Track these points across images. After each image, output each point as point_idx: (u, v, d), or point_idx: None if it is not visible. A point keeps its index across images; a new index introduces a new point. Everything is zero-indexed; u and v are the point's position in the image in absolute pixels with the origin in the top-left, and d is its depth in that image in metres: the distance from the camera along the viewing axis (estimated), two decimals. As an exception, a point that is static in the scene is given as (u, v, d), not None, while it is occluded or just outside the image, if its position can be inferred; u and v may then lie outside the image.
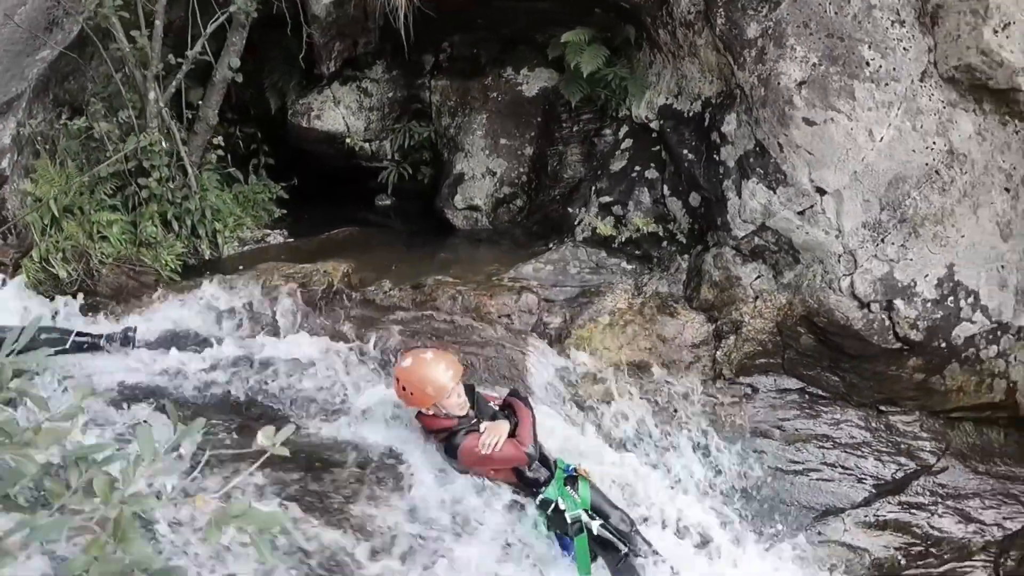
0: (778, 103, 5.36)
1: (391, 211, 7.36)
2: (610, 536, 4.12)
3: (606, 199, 5.98)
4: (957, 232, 5.46)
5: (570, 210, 6.11)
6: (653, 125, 6.12)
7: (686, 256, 5.65)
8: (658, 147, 6.01)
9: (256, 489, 3.77)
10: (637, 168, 6.01)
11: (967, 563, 5.56)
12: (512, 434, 4.12)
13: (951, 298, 5.40)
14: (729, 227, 5.47)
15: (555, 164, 6.42)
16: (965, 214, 5.46)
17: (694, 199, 5.75)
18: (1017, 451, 5.79)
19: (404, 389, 4.11)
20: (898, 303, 5.31)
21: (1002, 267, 5.61)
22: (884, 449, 5.41)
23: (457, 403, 4.10)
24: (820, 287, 5.30)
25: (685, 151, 5.80)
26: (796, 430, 5.31)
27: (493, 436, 4.05)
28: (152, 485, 1.69)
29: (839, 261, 5.30)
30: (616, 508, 4.27)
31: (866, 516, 5.29)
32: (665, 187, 5.86)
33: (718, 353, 5.34)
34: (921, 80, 5.45)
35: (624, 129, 6.27)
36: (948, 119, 5.49)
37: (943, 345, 5.41)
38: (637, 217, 5.81)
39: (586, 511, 4.11)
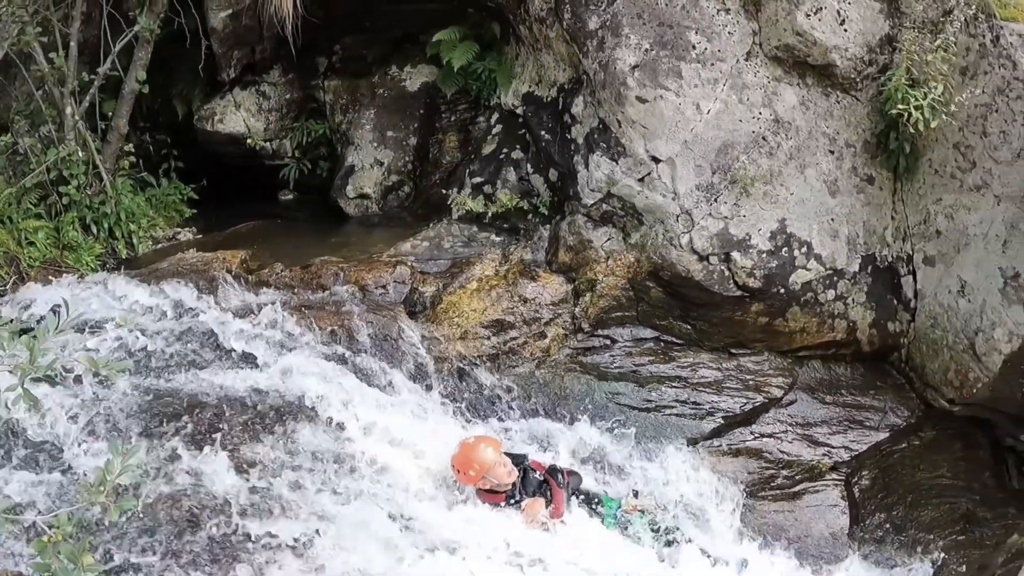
0: (615, 85, 6.12)
1: (293, 205, 8.07)
2: None
3: (478, 180, 6.72)
4: (786, 190, 6.23)
5: (447, 192, 6.84)
6: (519, 111, 6.86)
7: (547, 226, 6.38)
8: (523, 131, 6.76)
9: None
10: (505, 150, 6.76)
11: (819, 483, 6.27)
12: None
13: (785, 249, 6.17)
14: (580, 197, 6.21)
15: (435, 151, 7.17)
16: (793, 174, 6.23)
17: (553, 175, 6.50)
18: (862, 383, 6.54)
19: (460, 472, 4.92)
20: (735, 255, 6.06)
21: (832, 220, 6.39)
22: (735, 386, 6.13)
23: (504, 472, 4.91)
24: (663, 244, 6.05)
25: (543, 132, 6.55)
26: (651, 373, 6.02)
27: (531, 517, 4.97)
28: None
29: (678, 220, 6.05)
30: None
31: (719, 445, 5.99)
32: (529, 166, 6.61)
33: (576, 310, 6.07)
34: (747, 59, 6.25)
35: (495, 116, 7.01)
36: (773, 92, 6.29)
37: (782, 291, 6.17)
38: (504, 194, 6.54)
39: None
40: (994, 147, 6.26)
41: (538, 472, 5.13)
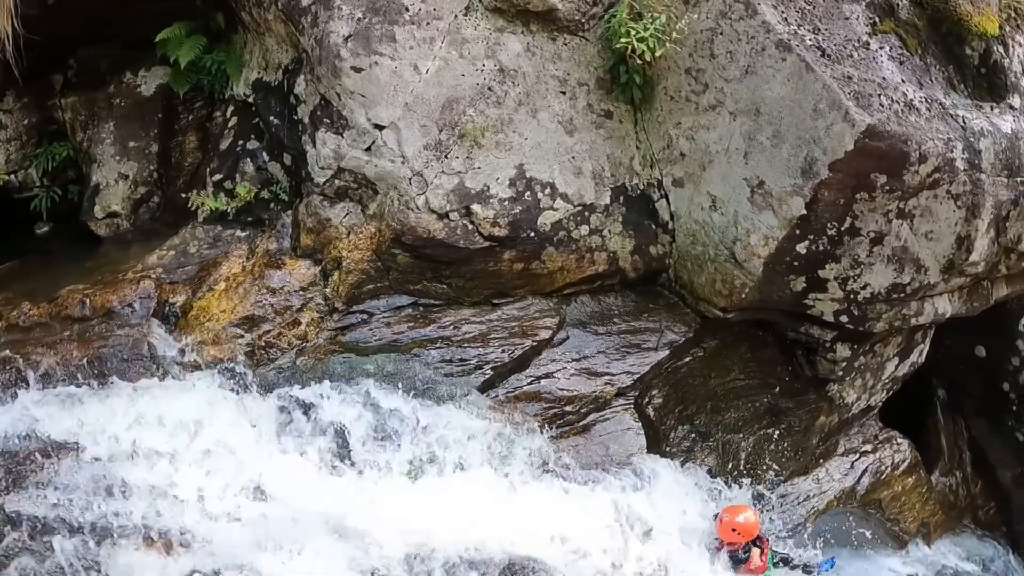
0: (330, 59, 6.26)
1: (49, 236, 7.97)
2: None
3: (218, 177, 6.81)
4: (520, 136, 6.49)
5: (189, 195, 6.91)
6: (251, 100, 6.96)
7: (289, 212, 6.51)
8: (257, 119, 6.85)
9: None
10: (241, 142, 6.86)
11: (607, 411, 6.67)
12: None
13: (528, 193, 6.43)
14: (312, 176, 6.36)
15: (177, 155, 7.20)
16: (525, 120, 6.50)
17: (287, 159, 6.63)
18: (634, 308, 6.93)
19: (734, 531, 6.26)
20: (475, 207, 6.30)
21: (573, 158, 6.68)
22: (501, 336, 6.41)
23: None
24: (400, 210, 6.26)
25: (272, 117, 6.67)
26: (412, 340, 6.25)
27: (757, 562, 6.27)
28: None
29: (411, 183, 6.25)
30: None
31: (496, 395, 6.26)
32: (265, 154, 6.74)
33: (327, 290, 6.24)
34: (465, 14, 6.49)
35: (230, 109, 7.09)
36: (496, 43, 6.54)
37: (532, 234, 6.44)
38: (243, 187, 6.64)
39: None
40: (723, 67, 6.67)
41: None
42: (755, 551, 6.35)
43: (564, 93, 6.59)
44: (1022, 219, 7.56)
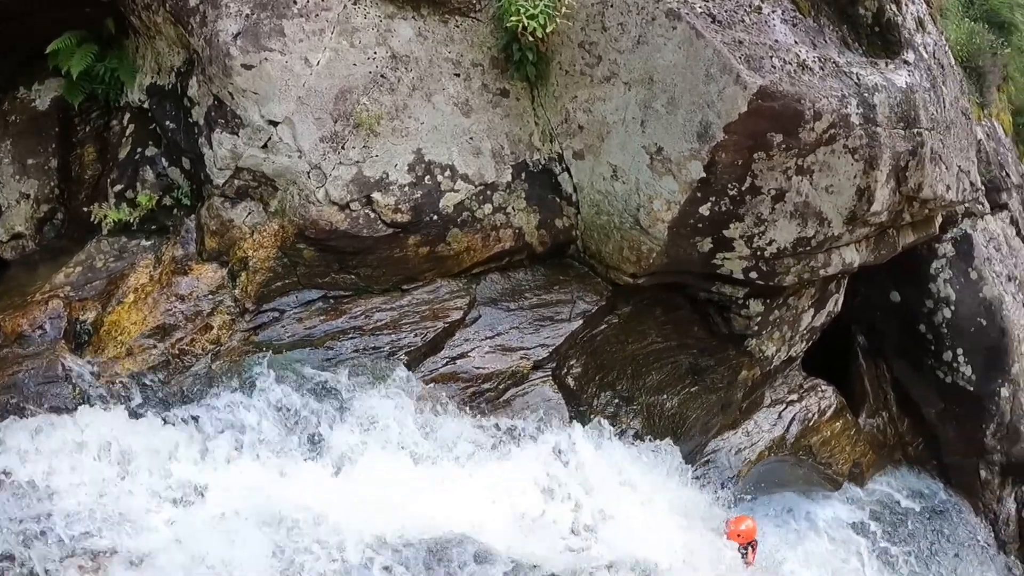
0: (220, 58, 6.25)
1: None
2: None
3: (119, 187, 6.77)
4: (416, 121, 6.55)
5: (92, 208, 6.86)
6: (146, 106, 6.92)
7: (192, 216, 6.51)
8: (153, 125, 6.81)
9: None
10: (140, 150, 6.83)
11: (525, 384, 6.78)
12: None
13: (427, 177, 6.51)
14: (212, 179, 6.37)
15: (78, 168, 7.14)
16: (420, 104, 6.56)
17: (186, 163, 6.62)
18: (545, 282, 7.06)
19: (738, 536, 7.25)
20: (376, 195, 6.36)
21: (471, 139, 6.77)
22: (412, 320, 6.50)
23: None
24: (301, 204, 6.30)
25: (168, 122, 6.65)
26: (324, 333, 6.31)
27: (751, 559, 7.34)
28: None
29: (309, 177, 6.29)
30: None
31: (410, 381, 6.32)
32: (164, 160, 6.72)
33: (236, 292, 6.27)
34: (355, 4, 6.50)
35: (127, 116, 7.05)
36: (387, 30, 6.57)
37: (435, 218, 6.52)
38: (145, 196, 6.62)
39: None
40: (615, 39, 6.80)
41: None
42: (751, 551, 7.43)
43: (458, 75, 6.66)
44: (921, 168, 7.79)
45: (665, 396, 7.63)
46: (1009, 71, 11.79)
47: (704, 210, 6.82)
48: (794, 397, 8.91)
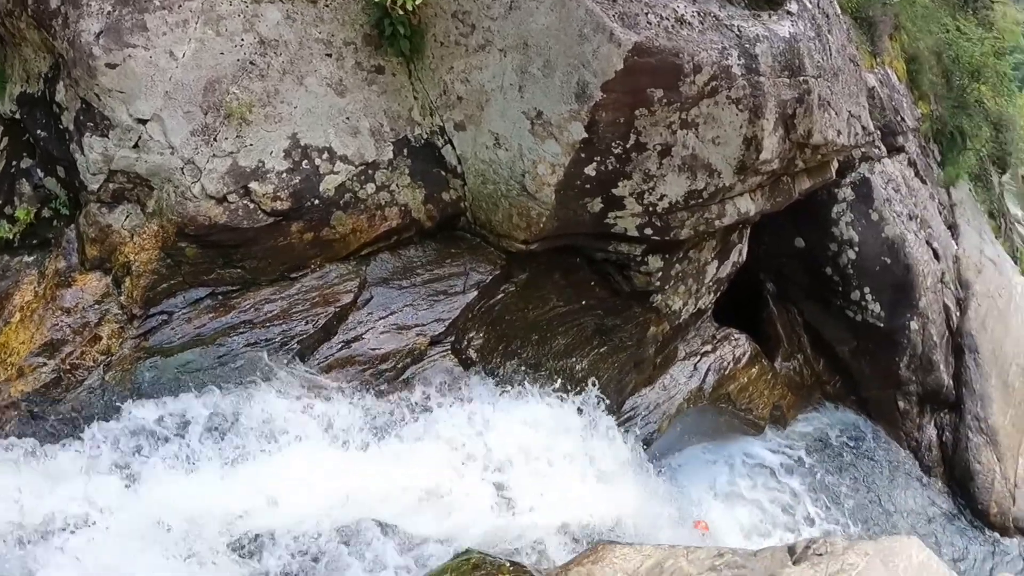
0: (84, 59, 6.15)
1: None
2: None
3: (-4, 203, 6.64)
4: (289, 106, 6.50)
5: (-32, 230, 6.73)
6: (18, 116, 6.79)
7: (72, 226, 6.42)
8: (26, 135, 6.69)
9: None
10: (14, 162, 6.70)
11: (425, 361, 6.82)
12: None
13: (305, 161, 6.48)
14: (86, 184, 6.28)
15: (-46, 188, 6.99)
16: (292, 88, 6.51)
17: (61, 171, 6.52)
18: (437, 256, 7.08)
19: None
20: (253, 185, 6.32)
21: (348, 119, 6.74)
22: (303, 308, 6.47)
23: None
24: (178, 202, 6.24)
25: (40, 130, 6.54)
26: (215, 330, 6.27)
27: None
28: None
29: (184, 173, 6.23)
30: None
31: (306, 371, 6.32)
32: (39, 171, 6.59)
33: (122, 299, 6.20)
34: (219, -9, 6.36)
35: (0, 129, 6.89)
36: (254, 15, 6.50)
37: (316, 202, 6.51)
38: (23, 210, 6.51)
39: None
40: (487, 6, 6.85)
41: None
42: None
43: (330, 55, 6.63)
44: (810, 115, 7.93)
45: (574, 359, 7.69)
46: (900, 20, 11.97)
47: (590, 170, 6.86)
48: (708, 348, 9.04)
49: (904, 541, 5.56)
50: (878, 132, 10.29)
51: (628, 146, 6.88)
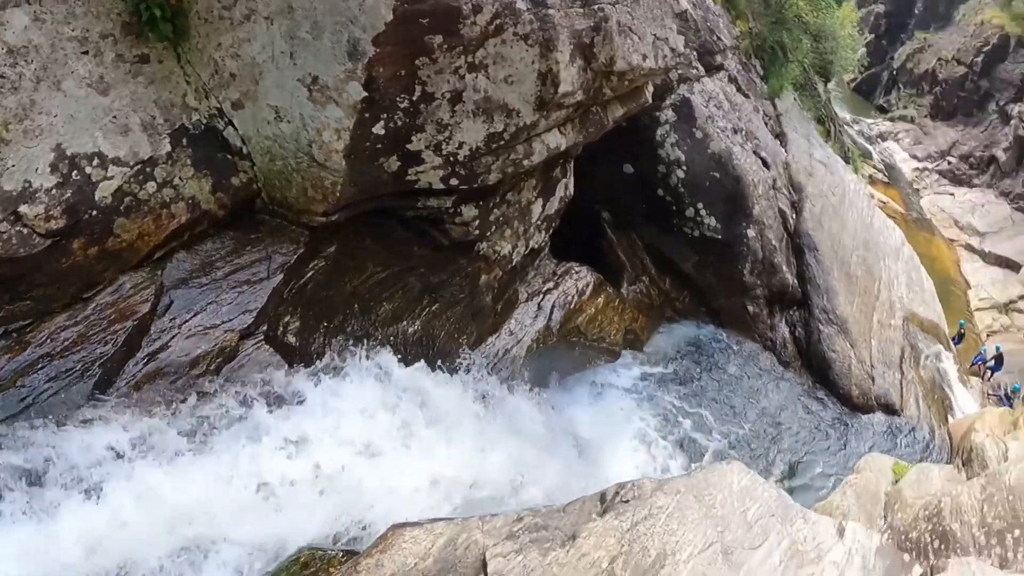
0: None
1: None
2: None
3: None
4: (49, 116, 6.11)
5: None
6: None
7: None
8: None
9: None
10: None
11: (240, 357, 6.57)
12: None
13: (75, 172, 6.13)
14: None
15: None
16: (48, 97, 6.10)
17: None
18: (236, 246, 6.86)
19: None
20: (23, 209, 5.92)
21: (115, 117, 6.40)
22: (100, 328, 6.10)
23: None
24: (-60, 239, 5.85)
25: None
26: (13, 371, 5.77)
27: None
28: None
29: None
30: None
31: (118, 391, 6.02)
32: None
33: None
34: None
35: None
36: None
37: (94, 213, 6.18)
38: None
39: None
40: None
41: None
42: None
43: (87, 52, 6.27)
44: (610, 42, 7.86)
45: (405, 323, 7.61)
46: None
47: (378, 129, 6.75)
48: (550, 285, 9.08)
49: (723, 469, 5.63)
50: (693, 52, 10.38)
51: (415, 98, 6.76)
